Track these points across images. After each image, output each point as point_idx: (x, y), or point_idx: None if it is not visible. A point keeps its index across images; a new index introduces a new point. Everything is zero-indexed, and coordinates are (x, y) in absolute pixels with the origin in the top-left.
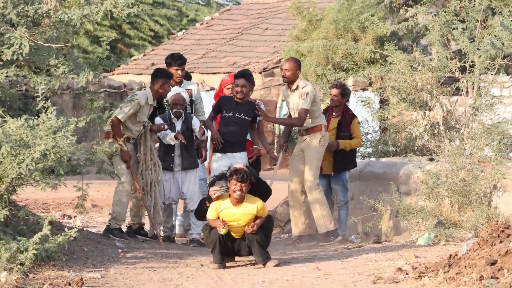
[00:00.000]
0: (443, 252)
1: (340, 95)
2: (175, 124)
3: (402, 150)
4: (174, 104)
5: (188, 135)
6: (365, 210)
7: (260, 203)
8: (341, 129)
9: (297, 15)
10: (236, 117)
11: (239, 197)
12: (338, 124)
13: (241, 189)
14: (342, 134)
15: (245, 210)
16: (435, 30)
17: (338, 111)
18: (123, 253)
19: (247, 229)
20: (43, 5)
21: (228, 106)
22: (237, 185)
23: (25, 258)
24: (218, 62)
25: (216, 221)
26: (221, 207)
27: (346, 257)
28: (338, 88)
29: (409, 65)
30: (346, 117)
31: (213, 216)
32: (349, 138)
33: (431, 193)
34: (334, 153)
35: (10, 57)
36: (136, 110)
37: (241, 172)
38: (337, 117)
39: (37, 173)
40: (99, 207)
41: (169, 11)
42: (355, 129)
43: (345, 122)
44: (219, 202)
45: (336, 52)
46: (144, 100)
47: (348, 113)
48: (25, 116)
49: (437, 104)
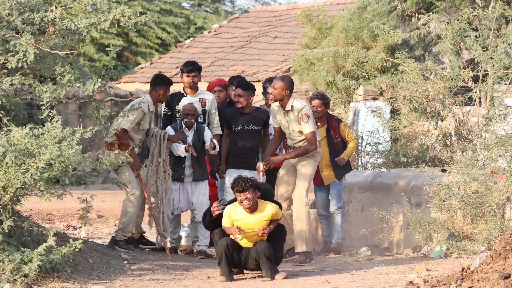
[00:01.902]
0: (455, 265)
1: (322, 105)
2: (186, 134)
3: (414, 161)
4: (185, 114)
5: (200, 147)
6: (376, 221)
7: (274, 207)
8: (331, 136)
9: (307, 23)
10: (246, 130)
11: (249, 206)
12: (326, 133)
13: (246, 198)
14: (335, 141)
15: (260, 218)
16: (448, 39)
17: (323, 121)
18: (129, 265)
19: (258, 230)
20: (49, 13)
21: (235, 119)
22: (240, 196)
23: (29, 269)
24: (226, 70)
25: (231, 228)
26: (234, 215)
27: (356, 269)
28: (319, 99)
29: (421, 74)
30: (333, 124)
31: (228, 224)
32: (342, 144)
33: (443, 205)
34: (332, 162)
35: (15, 64)
36: (140, 118)
37: (238, 182)
38: (323, 126)
39: (42, 183)
40: (105, 217)
41: (177, 19)
42: (346, 133)
43: (333, 128)
44: (233, 209)
45: (347, 60)
46: (146, 107)
47: (333, 119)
48: (30, 125)
49: (450, 114)
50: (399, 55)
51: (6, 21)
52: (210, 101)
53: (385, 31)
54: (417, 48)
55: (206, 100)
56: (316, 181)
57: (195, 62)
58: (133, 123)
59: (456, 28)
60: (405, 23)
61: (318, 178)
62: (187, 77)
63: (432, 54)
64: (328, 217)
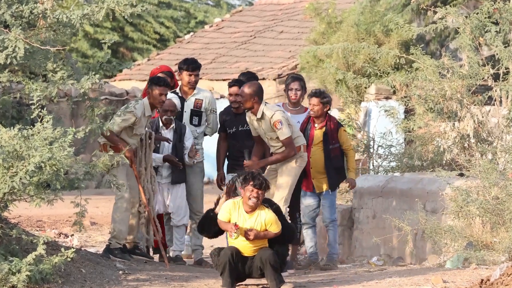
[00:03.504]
0: (474, 276)
1: (320, 104)
2: (163, 133)
3: (429, 165)
4: (164, 111)
5: (180, 148)
6: (388, 229)
7: (271, 215)
8: (328, 141)
9: (315, 17)
10: (240, 131)
11: (254, 205)
12: (323, 136)
13: (258, 196)
14: (332, 147)
15: (256, 221)
16: (466, 34)
17: (321, 122)
18: (124, 275)
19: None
20: (38, 5)
21: (229, 121)
22: (253, 192)
23: (18, 280)
24: (229, 67)
25: (227, 224)
26: (233, 213)
27: (367, 280)
28: (317, 97)
29: (437, 72)
30: (332, 127)
31: (225, 218)
32: (339, 150)
33: (461, 212)
34: (327, 170)
35: (3, 61)
36: (131, 123)
37: (259, 178)
38: (321, 128)
39: (32, 187)
40: (98, 224)
41: (176, 12)
42: (344, 140)
43: (331, 132)
44: (234, 205)
45: (358, 56)
46: (140, 111)
47: (333, 122)
48: (19, 125)
49: (468, 114)
50: (414, 51)
51: None
52: (207, 102)
53: (399, 25)
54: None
55: (203, 100)
56: (307, 187)
57: (196, 60)
58: (122, 126)
59: (475, 22)
60: (420, 17)
61: (310, 185)
62: (189, 75)
63: (449, 50)
64: (313, 226)
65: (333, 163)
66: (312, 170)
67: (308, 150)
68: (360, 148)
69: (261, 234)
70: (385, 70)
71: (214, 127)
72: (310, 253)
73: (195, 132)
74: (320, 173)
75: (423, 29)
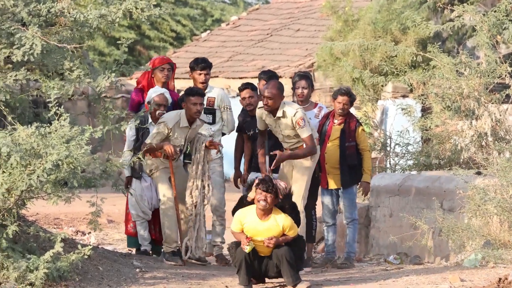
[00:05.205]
0: (492, 275)
1: (349, 103)
2: (150, 128)
3: (446, 163)
4: (158, 105)
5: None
6: (405, 228)
7: (288, 220)
8: (345, 139)
9: (332, 15)
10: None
11: (263, 208)
12: (341, 134)
13: (266, 199)
14: (347, 145)
15: (271, 225)
16: (483, 32)
17: (341, 119)
18: (141, 273)
19: (265, 240)
20: (56, 4)
21: (247, 124)
22: (261, 195)
23: (35, 277)
24: (245, 65)
25: (241, 235)
26: (245, 219)
27: (384, 279)
28: (347, 95)
29: (454, 70)
30: (350, 125)
31: (237, 229)
32: (355, 149)
33: (478, 210)
34: (341, 167)
35: (21, 58)
36: (165, 134)
37: (266, 182)
38: (340, 124)
39: (49, 185)
40: (115, 222)
41: (192, 11)
42: (362, 140)
43: (349, 130)
44: (244, 213)
45: (374, 54)
46: (173, 122)
47: (352, 120)
48: (36, 123)
49: (485, 112)
50: (431, 49)
51: (11, 13)
52: (219, 99)
53: (416, 22)
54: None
55: (215, 98)
56: (323, 184)
57: (206, 59)
58: (158, 139)
59: (493, 20)
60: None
61: (325, 181)
62: (199, 75)
63: (467, 48)
64: (333, 225)
65: (347, 160)
66: (327, 165)
67: (324, 145)
68: (377, 146)
69: (280, 240)
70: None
71: (230, 125)
72: (327, 252)
73: (210, 130)
74: (334, 168)
75: (440, 26)
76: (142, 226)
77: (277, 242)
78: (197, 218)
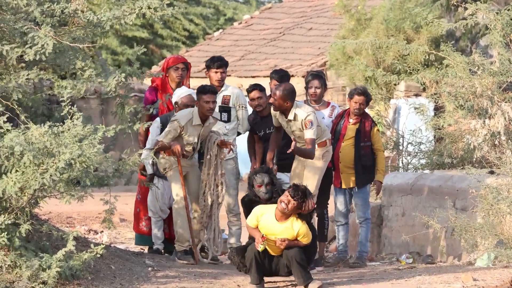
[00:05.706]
0: (505, 275)
1: (365, 103)
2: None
3: (459, 162)
4: (185, 106)
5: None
6: (418, 227)
7: (304, 228)
8: (360, 138)
9: (344, 14)
10: (268, 134)
11: (282, 210)
12: (356, 133)
13: (288, 203)
14: (363, 145)
15: (286, 228)
16: (497, 30)
17: (356, 118)
18: (154, 272)
19: (277, 240)
20: (70, 4)
21: (257, 125)
22: (286, 197)
23: (48, 276)
24: (258, 64)
25: (256, 232)
26: (263, 216)
27: (396, 278)
28: (364, 95)
29: (467, 69)
30: (365, 125)
31: (253, 224)
32: (370, 149)
33: (491, 210)
34: (355, 166)
35: (33, 57)
36: (177, 132)
37: (298, 190)
38: (355, 124)
39: (62, 184)
40: (128, 221)
41: (205, 9)
42: (376, 140)
43: (364, 130)
44: (263, 210)
45: (387, 53)
46: (186, 120)
47: (367, 120)
48: (49, 122)
49: (499, 111)
50: (444, 47)
51: (24, 12)
52: (235, 98)
53: (428, 20)
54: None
55: (230, 96)
56: (336, 183)
57: (223, 57)
58: (170, 137)
59: (506, 18)
60: (450, 13)
61: (338, 180)
62: (216, 73)
63: (480, 47)
64: (345, 224)
65: (362, 160)
66: (340, 164)
67: (339, 144)
68: (390, 145)
69: (292, 243)
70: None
71: (245, 124)
72: (339, 251)
73: (224, 129)
74: (349, 168)
75: (453, 25)
76: (157, 224)
77: (289, 244)
78: (212, 218)
